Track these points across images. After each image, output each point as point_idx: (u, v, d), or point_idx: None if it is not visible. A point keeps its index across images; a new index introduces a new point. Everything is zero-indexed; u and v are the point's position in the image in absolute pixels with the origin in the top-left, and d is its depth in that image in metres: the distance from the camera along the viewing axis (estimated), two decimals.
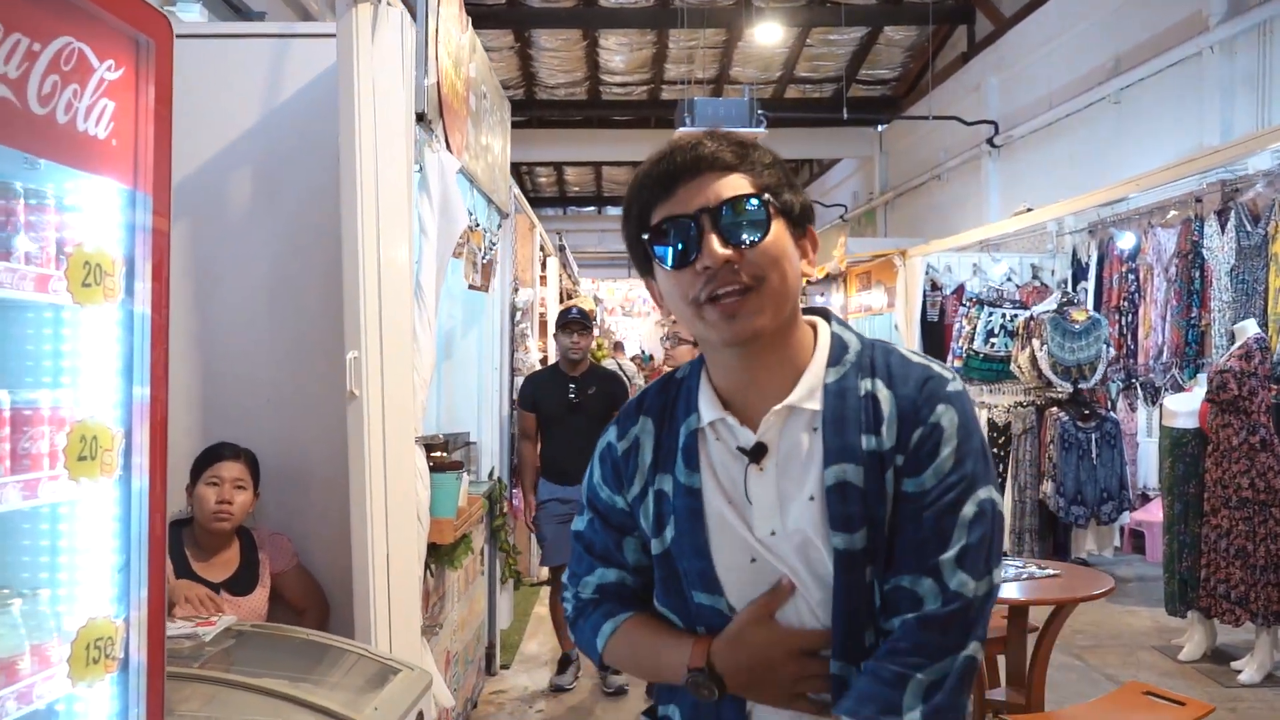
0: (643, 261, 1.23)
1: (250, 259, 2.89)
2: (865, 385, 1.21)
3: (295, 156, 2.87)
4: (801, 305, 1.25)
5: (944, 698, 1.12)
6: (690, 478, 1.23)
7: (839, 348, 1.25)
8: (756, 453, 1.21)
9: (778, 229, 1.18)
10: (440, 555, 3.26)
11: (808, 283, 13.10)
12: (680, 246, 1.16)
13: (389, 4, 2.59)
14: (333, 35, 2.62)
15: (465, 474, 3.50)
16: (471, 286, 4.18)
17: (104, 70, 1.45)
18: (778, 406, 1.20)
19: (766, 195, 1.17)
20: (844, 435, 1.18)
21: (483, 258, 4.06)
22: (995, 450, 6.85)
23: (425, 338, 2.95)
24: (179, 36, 2.90)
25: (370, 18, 2.55)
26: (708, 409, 1.24)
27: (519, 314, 5.07)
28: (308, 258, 2.86)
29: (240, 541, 2.70)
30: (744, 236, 1.14)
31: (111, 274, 1.51)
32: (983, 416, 7.06)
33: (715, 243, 1.13)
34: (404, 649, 2.62)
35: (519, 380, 5.10)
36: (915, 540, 1.16)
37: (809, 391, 1.21)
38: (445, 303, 4.57)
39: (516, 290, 5.31)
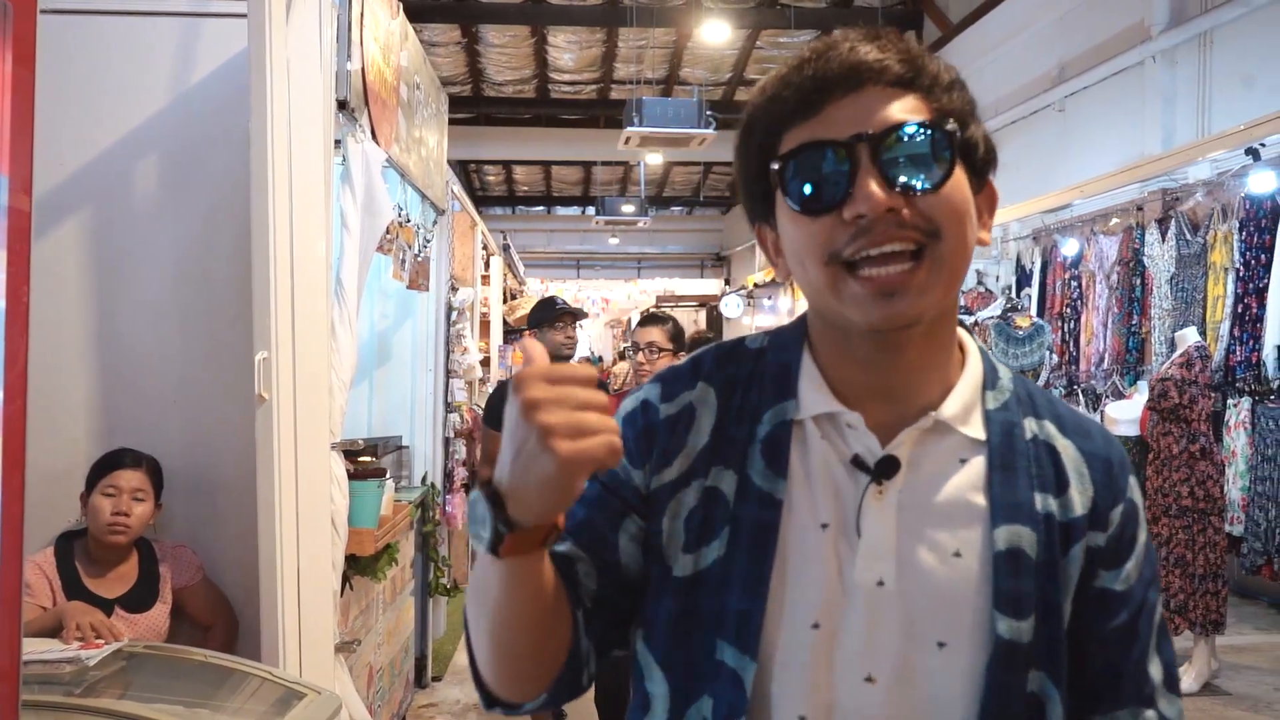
0: (759, 202, 0.93)
1: (157, 252, 2.72)
2: (1031, 427, 0.93)
3: (207, 143, 2.70)
4: (745, 310, 1.02)
5: None
6: (772, 482, 0.90)
7: (990, 370, 0.96)
8: (884, 469, 0.88)
9: (961, 175, 0.86)
10: (361, 567, 3.10)
11: (755, 287, 12.97)
12: (823, 184, 0.85)
13: None
14: (246, 15, 2.46)
15: (389, 481, 3.34)
16: (410, 285, 4.03)
17: None
18: (925, 421, 0.90)
19: (951, 124, 0.86)
20: (1015, 486, 0.89)
21: (417, 255, 3.90)
22: None
23: (345, 337, 2.80)
24: (78, 13, 2.74)
25: None
26: (814, 397, 0.93)
27: (455, 314, 4.91)
28: (219, 251, 2.69)
29: (139, 554, 2.52)
30: (917, 179, 0.83)
31: None
32: None
33: (875, 183, 0.82)
34: (314, 668, 2.47)
35: (455, 383, 4.95)
36: (1131, 660, 0.92)
37: (964, 411, 0.92)
38: (378, 301, 4.41)
39: (455, 290, 5.16)
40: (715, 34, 9.76)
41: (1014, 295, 7.90)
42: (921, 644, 0.85)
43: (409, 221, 3.73)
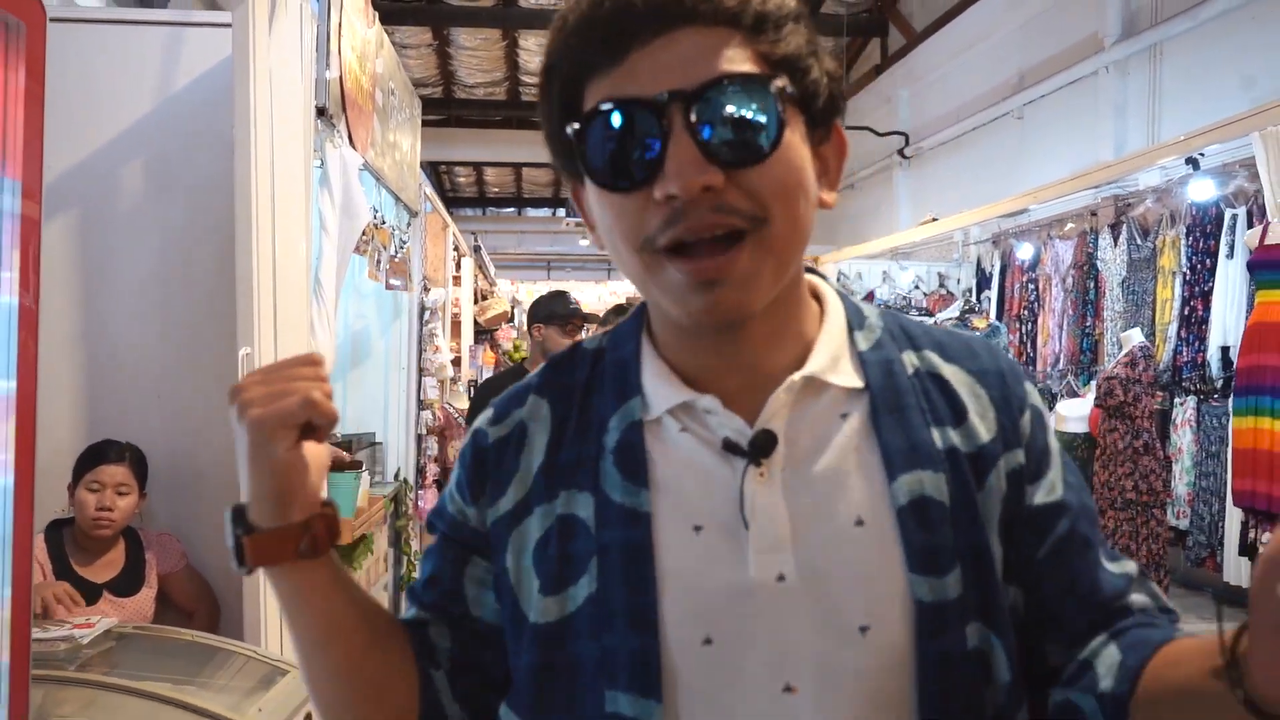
0: (568, 159, 0.79)
1: (141, 251, 2.82)
2: (912, 360, 0.84)
3: (190, 147, 2.81)
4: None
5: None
6: (634, 495, 0.78)
7: (854, 311, 0.87)
8: (760, 447, 0.77)
9: (794, 136, 0.74)
10: (339, 555, 3.21)
11: None
12: (629, 154, 0.72)
13: None
14: (229, 25, 2.58)
15: (365, 474, 3.46)
16: (391, 287, 4.14)
17: None
18: (794, 377, 0.79)
19: (782, 79, 0.73)
20: (907, 427, 0.79)
21: (394, 255, 4.02)
22: None
23: (324, 335, 2.91)
24: (69, 21, 2.84)
25: (268, 9, 2.51)
26: (662, 390, 0.81)
27: (428, 313, 5.03)
28: (201, 251, 2.79)
29: (125, 542, 2.63)
30: (741, 149, 0.71)
31: None
32: None
33: (690, 155, 0.70)
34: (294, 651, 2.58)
35: (428, 381, 5.06)
36: (1086, 564, 0.82)
37: (833, 361, 0.81)
38: (354, 301, 4.52)
39: (427, 290, 5.27)
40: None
41: (974, 298, 8.11)
42: (842, 635, 0.74)
43: (384, 223, 3.85)
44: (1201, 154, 4.90)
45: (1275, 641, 0.60)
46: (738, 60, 0.72)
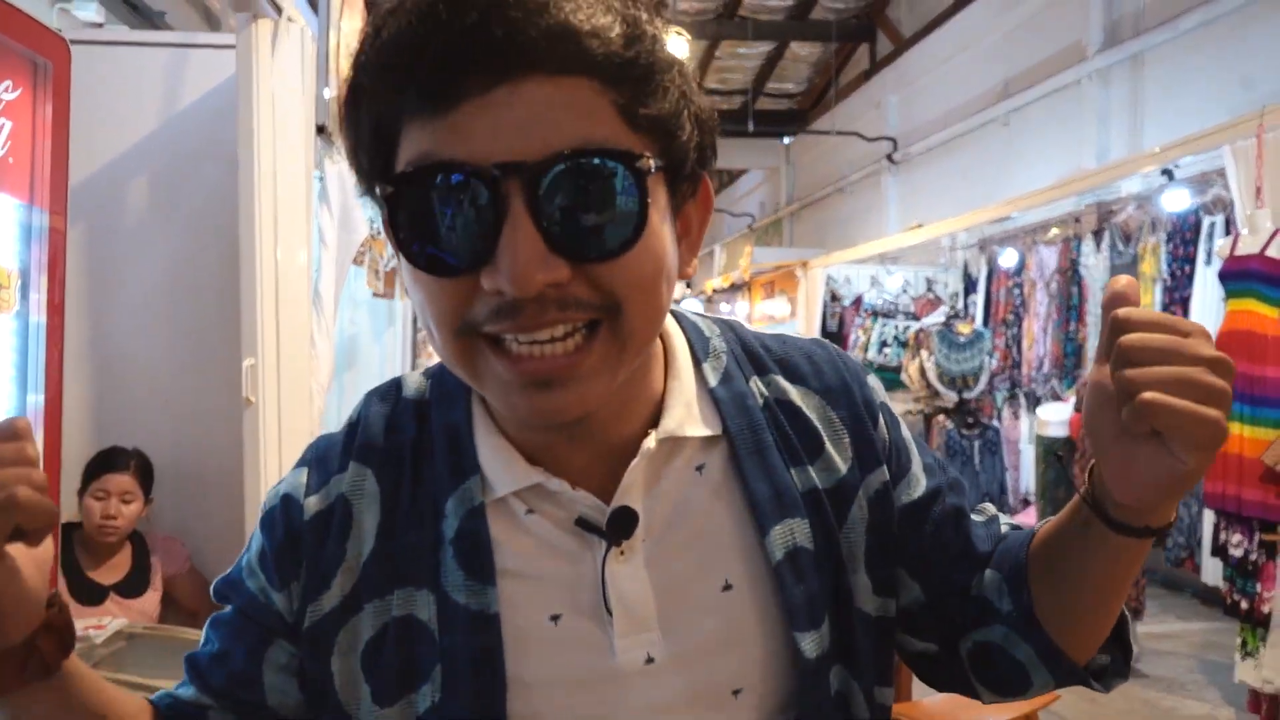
0: (371, 193, 0.66)
1: (147, 265, 2.91)
2: (759, 388, 0.77)
3: (194, 163, 2.90)
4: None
5: None
6: (479, 595, 0.69)
7: (697, 337, 0.78)
8: (619, 526, 0.70)
9: (657, 216, 0.63)
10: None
11: (713, 292, 13.30)
12: (454, 231, 0.59)
13: (289, 19, 2.65)
14: (233, 46, 2.67)
15: None
16: (376, 294, 4.23)
17: (1, 91, 1.50)
18: (648, 443, 0.71)
19: (647, 160, 0.61)
20: (772, 472, 0.73)
21: (385, 265, 4.12)
22: None
23: (323, 345, 3.01)
24: (76, 43, 2.93)
25: (270, 33, 2.61)
26: (502, 469, 0.72)
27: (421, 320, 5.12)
28: (205, 264, 2.89)
29: (132, 545, 2.72)
30: (594, 241, 0.60)
31: (7, 286, 1.56)
32: None
33: (531, 245, 0.58)
34: None
35: None
36: (964, 529, 0.80)
37: (685, 411, 0.73)
38: (348, 309, 4.61)
39: None
40: (673, 47, 9.97)
41: (960, 302, 8.23)
42: (713, 701, 0.71)
43: (379, 234, 3.95)
44: (1177, 165, 5.02)
45: (1115, 450, 0.60)
46: (597, 125, 0.59)
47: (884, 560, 0.77)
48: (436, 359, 0.74)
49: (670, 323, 0.77)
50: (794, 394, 0.77)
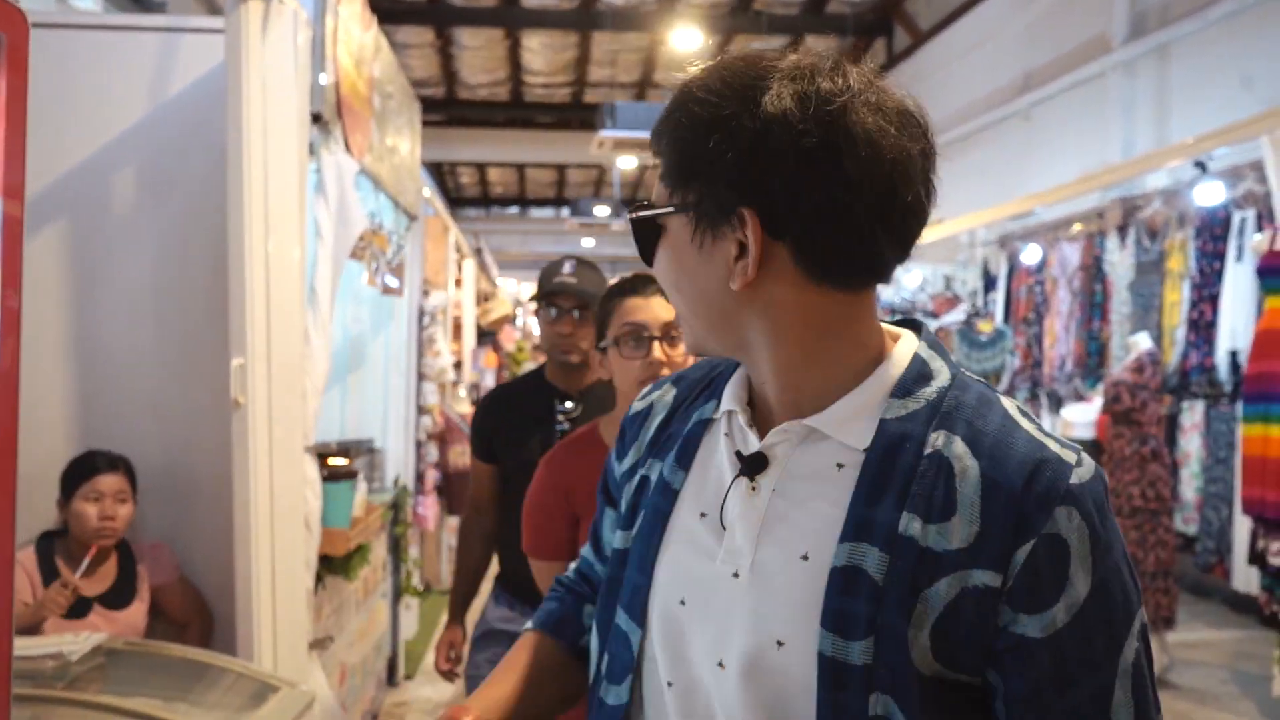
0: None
1: (133, 259, 2.78)
2: (935, 441, 0.84)
3: (183, 154, 2.77)
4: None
5: None
6: (675, 474, 0.98)
7: (916, 375, 0.89)
8: (754, 464, 0.90)
9: (681, 242, 0.90)
10: (334, 566, 3.18)
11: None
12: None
13: (281, 1, 2.52)
14: (222, 31, 2.54)
15: (361, 482, 3.42)
16: (387, 291, 4.11)
17: None
18: (793, 424, 0.89)
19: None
20: (878, 502, 0.83)
21: (389, 261, 3.98)
22: None
23: (319, 342, 2.88)
24: (62, 26, 2.81)
25: (260, 16, 2.47)
26: (729, 397, 0.97)
27: (428, 318, 4.99)
28: (194, 259, 2.76)
29: (118, 553, 2.59)
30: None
31: None
32: None
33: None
34: (288, 664, 2.55)
35: (427, 386, 5.03)
36: (1067, 708, 0.80)
37: (849, 417, 0.87)
38: (351, 306, 4.48)
39: (427, 294, 5.24)
40: (687, 41, 9.86)
41: (980, 300, 8.06)
42: (764, 639, 0.85)
43: (382, 228, 3.81)
44: (1210, 157, 4.84)
45: None
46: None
47: (959, 650, 0.81)
48: (443, 356, 1.42)
49: (900, 352, 0.91)
50: (962, 461, 0.83)
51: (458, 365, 6.79)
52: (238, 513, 2.48)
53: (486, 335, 8.55)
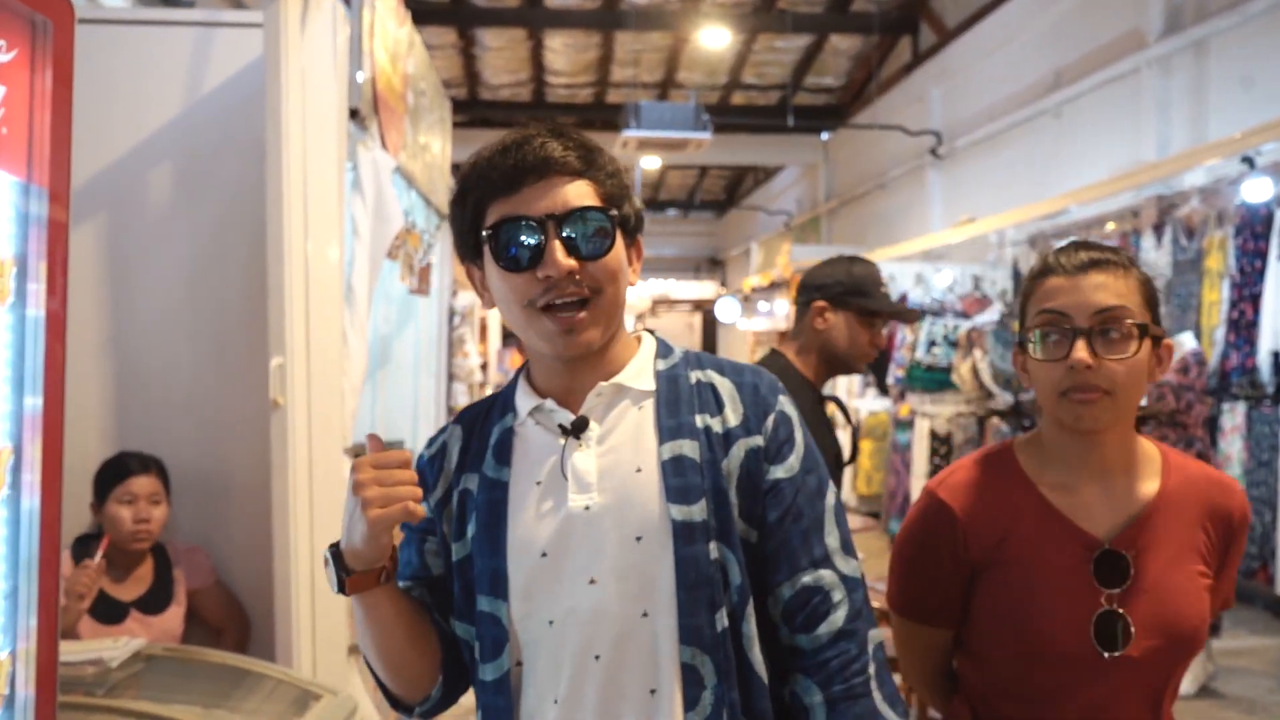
0: (470, 249, 1.22)
1: (169, 258, 2.74)
2: (696, 375, 1.23)
3: (219, 151, 2.73)
4: (741, 313, 1.21)
5: (889, 686, 1.17)
6: (499, 471, 1.19)
7: (664, 348, 1.27)
8: (578, 427, 1.18)
9: (618, 243, 1.18)
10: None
11: (751, 291, 13.14)
12: (521, 250, 1.14)
13: None
14: (260, 25, 2.50)
15: None
16: (412, 291, 4.06)
17: None
18: (605, 383, 1.19)
19: (612, 211, 1.17)
20: (678, 415, 1.19)
21: (420, 260, 3.94)
22: (937, 460, 6.87)
23: (356, 342, 2.83)
24: (96, 22, 2.77)
25: (300, 9, 2.43)
26: (525, 402, 1.22)
27: (457, 318, 4.94)
28: (231, 258, 2.72)
29: (153, 557, 2.55)
30: (587, 248, 1.15)
31: (1, 275, 1.38)
32: (924, 426, 7.08)
33: (560, 252, 1.13)
34: (328, 671, 2.50)
35: (457, 387, 4.98)
36: (800, 530, 1.17)
37: (637, 373, 1.22)
38: (380, 306, 4.44)
39: (455, 294, 5.19)
40: (714, 39, 9.79)
41: (1010, 301, 7.95)
42: (625, 543, 1.13)
43: (415, 227, 3.76)
44: (1259, 152, 4.73)
45: None
46: (587, 196, 1.17)
47: (752, 499, 1.19)
48: (471, 358, 2.00)
49: (647, 338, 1.29)
50: (717, 380, 1.24)
51: (483, 366, 6.74)
52: (276, 515, 2.43)
53: (511, 336, 8.51)
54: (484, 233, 1.16)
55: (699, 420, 1.18)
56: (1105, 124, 7.62)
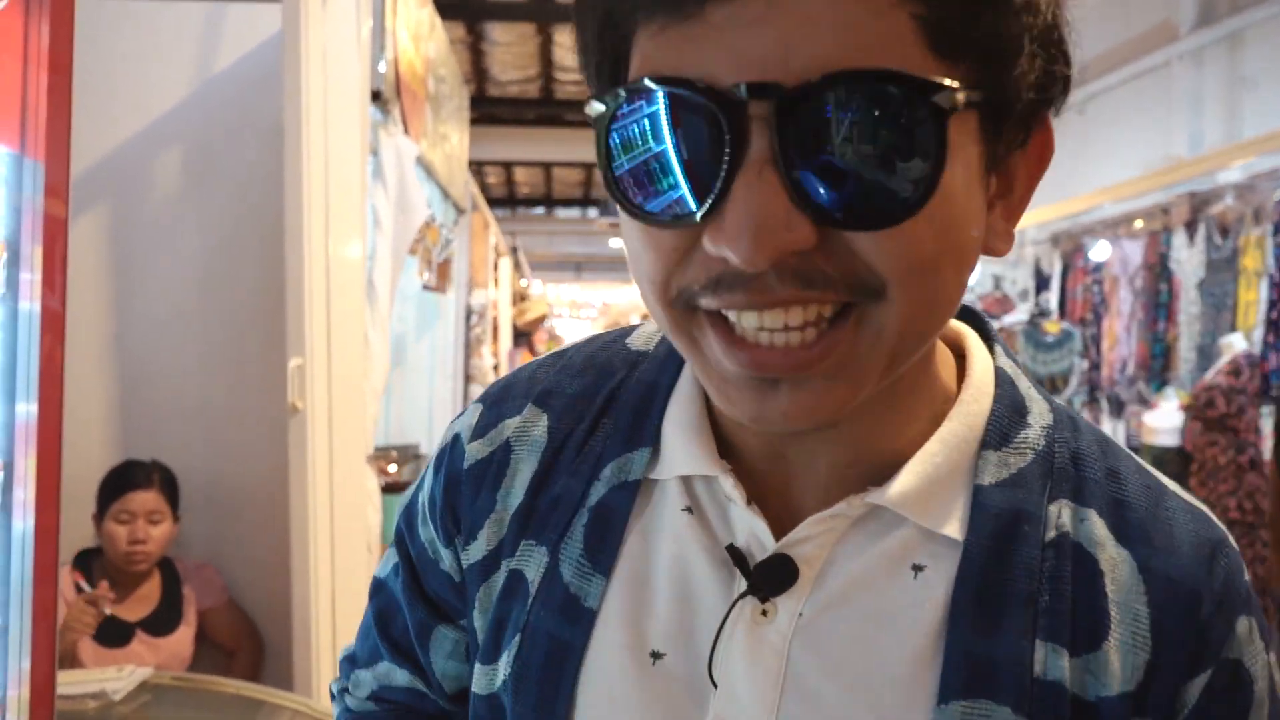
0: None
1: (178, 251, 2.56)
2: (1060, 519, 0.54)
3: (232, 136, 2.54)
4: None
5: None
6: (585, 579, 0.58)
7: (1006, 412, 0.57)
8: (771, 576, 0.54)
9: (958, 173, 0.46)
10: None
11: None
12: (674, 168, 0.45)
13: None
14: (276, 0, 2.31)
15: None
16: (426, 287, 3.87)
17: None
18: (853, 500, 0.53)
19: (958, 93, 0.43)
20: (995, 627, 0.51)
21: (439, 256, 3.75)
22: None
23: (378, 341, 2.64)
24: None
25: None
26: (680, 447, 0.58)
27: (474, 316, 4.76)
28: (245, 250, 2.53)
29: (161, 574, 2.36)
30: (861, 203, 0.43)
31: None
32: None
33: (773, 198, 0.43)
34: None
35: (474, 389, 4.79)
36: None
37: (929, 488, 0.53)
38: (396, 304, 4.26)
39: (471, 291, 5.00)
40: None
41: (1030, 300, 7.76)
42: None
43: (434, 220, 3.57)
44: None
45: None
46: (886, 41, 0.42)
47: None
48: (486, 359, 0.82)
49: (978, 363, 0.58)
50: (1107, 552, 0.53)
51: (495, 367, 6.56)
52: (294, 529, 2.24)
53: (521, 336, 8.33)
54: (598, 105, 0.48)
55: (1039, 658, 0.51)
56: (1133, 119, 7.43)
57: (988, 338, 0.61)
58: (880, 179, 0.43)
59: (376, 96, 2.64)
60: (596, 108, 0.48)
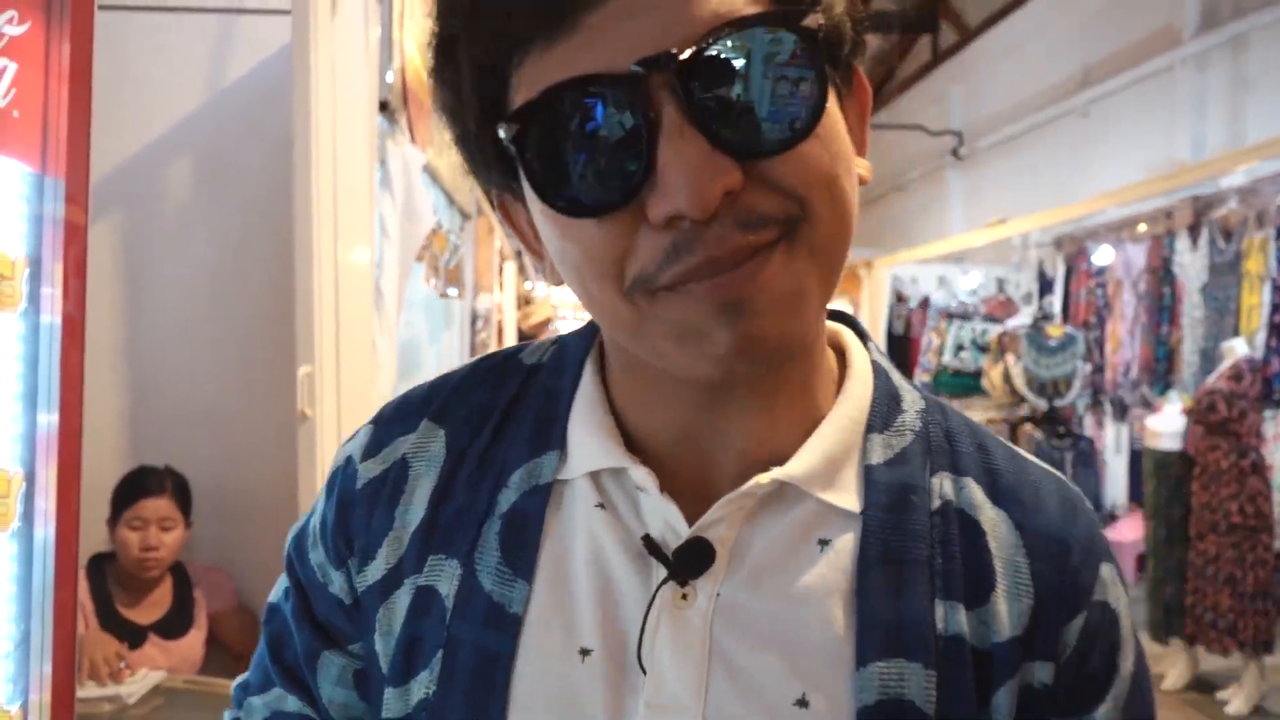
0: (492, 164, 0.55)
1: (188, 261, 2.59)
2: (943, 488, 0.59)
3: (241, 146, 2.58)
4: None
5: None
6: (507, 586, 0.58)
7: (886, 397, 0.62)
8: (689, 560, 0.56)
9: (831, 95, 0.51)
10: None
11: None
12: (597, 160, 0.48)
13: None
14: (286, 11, 2.33)
15: None
16: (443, 294, 3.90)
17: (3, 23, 1.16)
18: (761, 478, 0.56)
19: (815, 17, 0.50)
20: (902, 591, 0.56)
21: (447, 262, 3.77)
22: None
23: (386, 349, 2.67)
24: (109, 8, 2.60)
25: None
26: (589, 445, 0.60)
27: (480, 321, 4.79)
28: (255, 259, 2.56)
29: (173, 578, 2.40)
30: (770, 128, 0.48)
31: (11, 277, 1.22)
32: None
33: (697, 149, 0.46)
34: None
35: None
36: None
37: (827, 466, 0.57)
38: (405, 310, 4.28)
39: (476, 296, 5.03)
40: None
41: (1034, 303, 7.78)
42: None
43: (441, 227, 3.60)
44: None
45: None
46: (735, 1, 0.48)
47: None
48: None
49: (857, 352, 0.63)
50: (987, 514, 0.59)
51: None
52: None
53: (527, 340, 8.36)
54: (500, 132, 0.50)
55: (940, 614, 0.55)
56: (1136, 123, 7.45)
57: (861, 336, 0.66)
58: (779, 107, 0.48)
59: (384, 106, 2.67)
60: (508, 130, 0.50)
